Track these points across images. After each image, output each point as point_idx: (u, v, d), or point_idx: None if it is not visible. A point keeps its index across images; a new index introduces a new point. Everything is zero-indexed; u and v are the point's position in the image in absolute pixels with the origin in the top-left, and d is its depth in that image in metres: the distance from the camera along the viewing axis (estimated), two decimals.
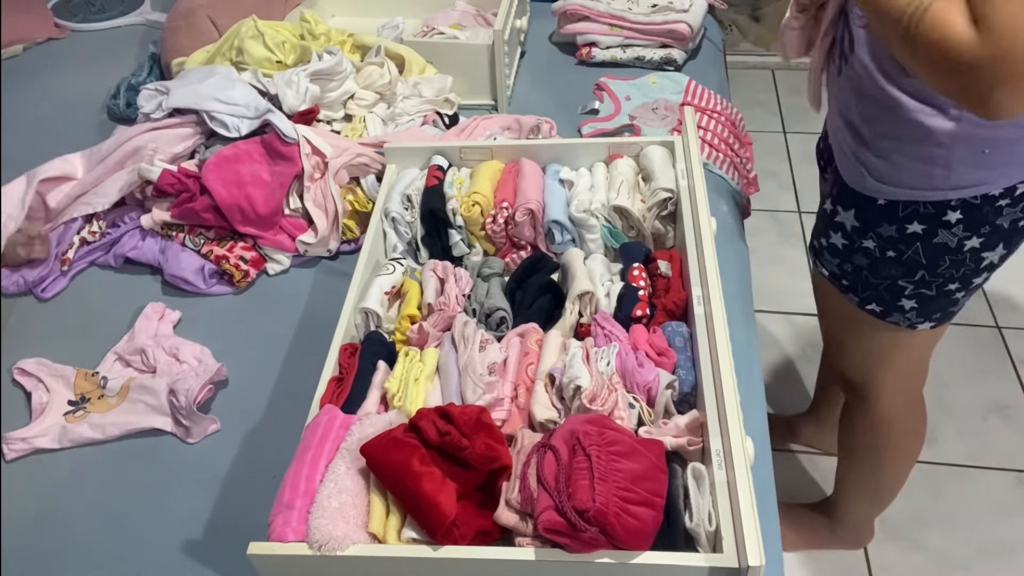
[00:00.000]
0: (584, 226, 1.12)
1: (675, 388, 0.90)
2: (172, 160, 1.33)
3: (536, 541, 0.76)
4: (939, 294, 1.13)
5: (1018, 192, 1.00)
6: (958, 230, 1.04)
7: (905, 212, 1.05)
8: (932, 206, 1.03)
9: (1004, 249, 1.08)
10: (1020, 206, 1.02)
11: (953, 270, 1.09)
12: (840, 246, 1.17)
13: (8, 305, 1.29)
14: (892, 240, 1.09)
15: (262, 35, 1.47)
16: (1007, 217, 1.03)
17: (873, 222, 1.09)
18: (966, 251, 1.06)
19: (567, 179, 1.17)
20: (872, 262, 1.13)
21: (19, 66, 1.88)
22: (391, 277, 1.08)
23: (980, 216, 1.02)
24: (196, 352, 1.17)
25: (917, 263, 1.09)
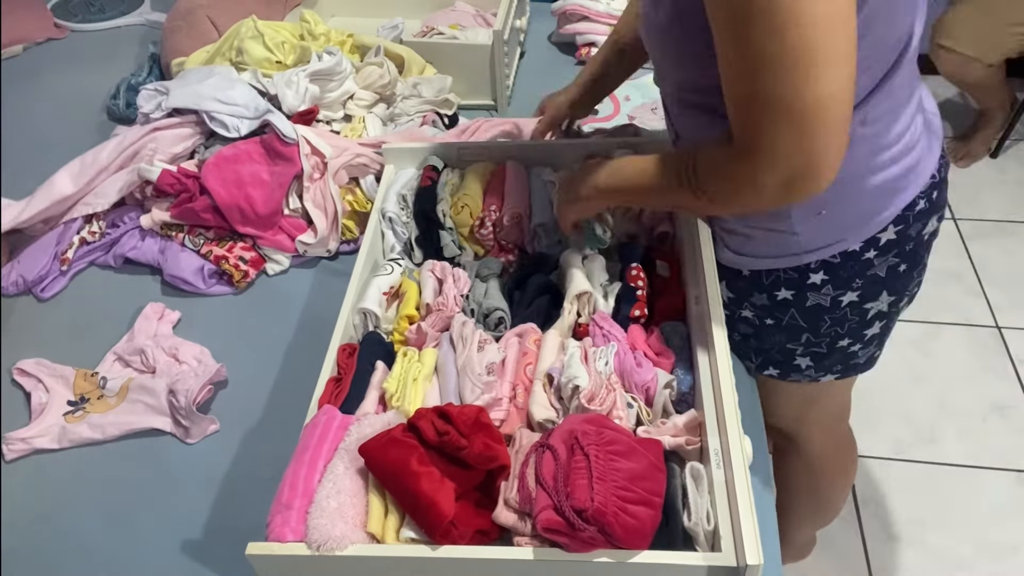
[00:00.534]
0: None
1: (673, 388, 0.90)
2: (172, 160, 1.33)
3: (535, 540, 0.76)
4: (831, 351, 1.09)
5: (883, 242, 0.97)
6: (828, 289, 1.00)
7: (769, 280, 1.02)
8: (793, 271, 1.00)
9: (890, 296, 1.04)
10: (892, 252, 0.98)
11: (837, 327, 1.05)
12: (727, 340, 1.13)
13: (8, 305, 1.29)
14: (766, 308, 1.05)
15: (262, 35, 1.47)
16: (880, 267, 0.99)
17: (744, 292, 1.06)
18: (844, 307, 1.02)
19: (551, 180, 1.17)
20: (755, 330, 1.09)
21: (19, 66, 1.88)
22: (389, 277, 1.08)
23: (846, 272, 0.99)
24: (196, 352, 1.17)
25: (797, 327, 1.06)
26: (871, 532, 1.88)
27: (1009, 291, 2.42)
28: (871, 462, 2.01)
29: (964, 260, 2.53)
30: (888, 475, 1.99)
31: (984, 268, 2.50)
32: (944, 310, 2.36)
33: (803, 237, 0.96)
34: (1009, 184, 2.82)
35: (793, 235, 0.96)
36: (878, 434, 2.07)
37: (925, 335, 2.30)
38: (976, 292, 2.43)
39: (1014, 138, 2.95)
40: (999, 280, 2.46)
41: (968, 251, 2.55)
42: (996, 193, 2.78)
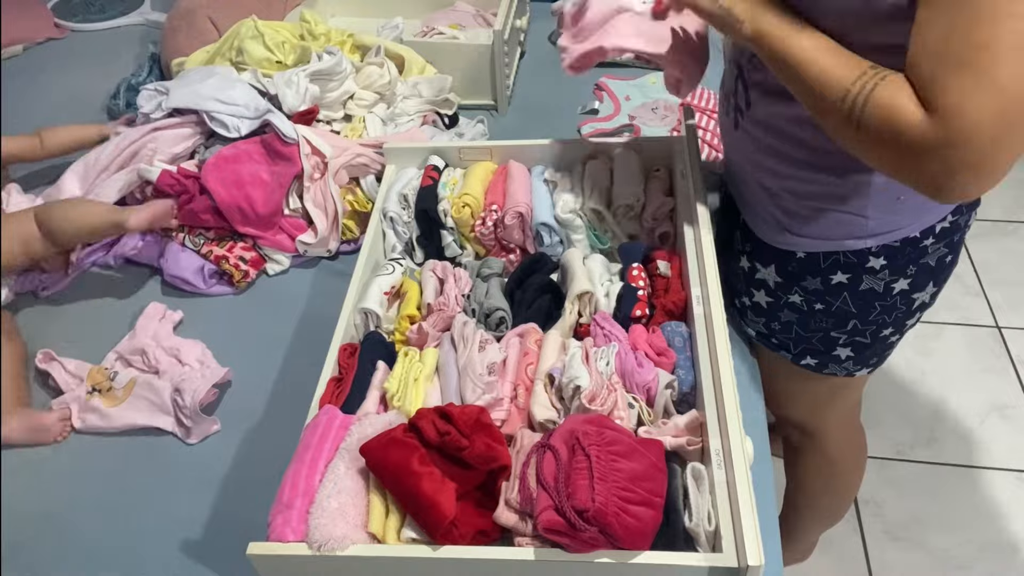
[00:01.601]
0: (570, 227, 1.12)
1: (674, 388, 0.90)
2: (172, 160, 1.33)
3: (535, 541, 0.76)
4: (874, 340, 1.09)
5: (938, 230, 0.98)
6: (884, 275, 1.00)
7: (827, 263, 1.01)
8: (854, 255, 0.99)
9: (934, 287, 1.05)
10: (944, 241, 0.99)
11: (885, 315, 1.05)
12: (765, 304, 1.11)
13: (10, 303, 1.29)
14: (818, 292, 1.04)
15: (262, 35, 1.47)
16: (932, 255, 1.00)
17: (796, 276, 1.04)
18: (896, 294, 1.02)
19: (551, 179, 1.17)
20: (801, 316, 1.08)
21: (19, 66, 1.88)
22: (390, 277, 1.08)
23: (904, 258, 0.99)
24: (197, 353, 1.17)
25: (847, 312, 1.05)
26: (871, 532, 1.88)
27: (1009, 291, 2.42)
28: (871, 462, 2.00)
29: (964, 260, 2.53)
30: (888, 475, 1.98)
31: (984, 268, 2.49)
32: (944, 310, 2.36)
33: (873, 221, 0.95)
34: (1009, 184, 2.81)
35: (863, 218, 0.95)
36: (878, 434, 2.07)
37: (925, 335, 2.29)
38: (976, 292, 2.43)
39: None
40: (999, 280, 2.46)
41: (968, 251, 2.55)
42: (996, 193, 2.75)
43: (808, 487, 1.47)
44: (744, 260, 1.11)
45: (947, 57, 0.67)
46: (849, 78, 0.73)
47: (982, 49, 0.65)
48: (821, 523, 1.63)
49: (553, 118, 1.57)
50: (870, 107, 0.72)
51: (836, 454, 1.38)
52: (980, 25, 0.65)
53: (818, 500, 1.51)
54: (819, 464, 1.40)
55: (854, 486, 1.50)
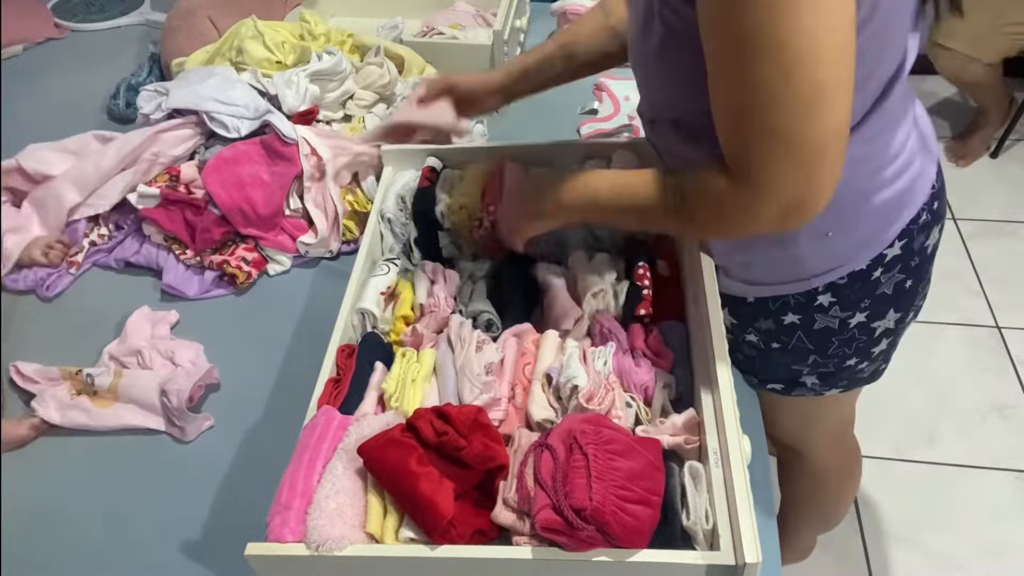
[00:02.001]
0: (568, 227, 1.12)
1: (672, 387, 0.90)
2: (173, 162, 1.34)
3: (533, 540, 0.76)
4: (839, 370, 1.08)
5: (888, 258, 0.96)
6: (835, 311, 0.99)
7: (776, 305, 1.00)
8: (801, 295, 0.98)
9: (897, 312, 1.02)
10: (897, 268, 0.97)
11: (845, 348, 1.04)
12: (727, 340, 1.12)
13: (11, 303, 1.29)
14: (772, 332, 1.04)
15: (262, 35, 1.47)
16: (887, 284, 0.98)
17: (749, 318, 1.04)
18: (852, 327, 1.01)
19: None
20: (760, 353, 1.08)
21: (19, 66, 1.89)
22: (386, 278, 1.08)
23: (854, 293, 0.97)
24: (192, 355, 1.17)
25: (804, 349, 1.04)
26: (871, 532, 1.88)
27: (1009, 291, 2.42)
28: (871, 462, 2.01)
29: (964, 260, 2.53)
30: (888, 475, 1.99)
31: (984, 268, 2.49)
32: (944, 310, 2.36)
33: (809, 261, 0.95)
34: (1009, 184, 2.82)
35: (799, 260, 0.95)
36: (878, 434, 2.07)
37: (925, 335, 2.29)
38: (976, 292, 2.43)
39: (1014, 138, 2.95)
40: (999, 280, 2.46)
41: (968, 251, 2.55)
42: (996, 193, 2.78)
43: (799, 501, 1.48)
44: None
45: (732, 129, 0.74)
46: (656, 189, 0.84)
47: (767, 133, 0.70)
48: (815, 530, 1.63)
49: (553, 118, 1.57)
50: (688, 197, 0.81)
51: (824, 471, 1.38)
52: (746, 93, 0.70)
53: (810, 513, 1.51)
54: (807, 480, 1.40)
55: (845, 499, 1.51)
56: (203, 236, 1.27)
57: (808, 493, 1.45)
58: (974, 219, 2.67)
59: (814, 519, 1.56)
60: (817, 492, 1.44)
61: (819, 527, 1.62)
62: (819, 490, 1.44)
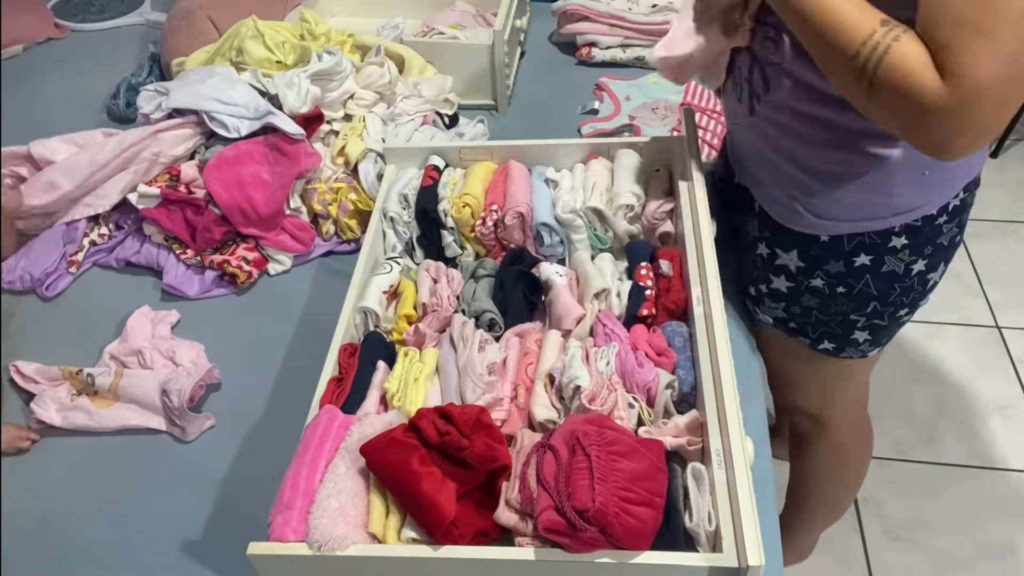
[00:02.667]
0: (571, 227, 1.12)
1: (675, 388, 0.90)
2: (173, 161, 1.33)
3: (536, 541, 0.76)
4: (890, 322, 1.10)
5: (951, 207, 0.99)
6: (904, 255, 1.01)
7: (851, 245, 1.01)
8: (877, 235, 1.00)
9: (944, 266, 1.07)
10: (955, 221, 1.01)
11: (903, 296, 1.07)
12: (785, 289, 1.11)
13: (11, 302, 1.29)
14: (841, 275, 1.04)
15: (262, 35, 1.47)
16: (946, 235, 1.02)
17: (819, 260, 1.04)
18: (914, 275, 1.04)
19: (552, 179, 1.17)
20: (822, 300, 1.08)
21: (19, 66, 1.88)
22: (388, 276, 1.08)
23: (923, 238, 1.00)
24: (193, 355, 1.17)
25: (868, 295, 1.05)
26: (871, 532, 1.88)
27: (1009, 291, 2.42)
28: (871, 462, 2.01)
29: (964, 260, 2.53)
30: (888, 475, 1.98)
31: (984, 268, 2.49)
32: (944, 310, 2.36)
33: (898, 199, 0.96)
34: (1009, 184, 2.82)
35: (890, 197, 0.96)
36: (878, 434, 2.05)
37: (925, 335, 2.30)
38: (976, 292, 2.43)
39: (1014, 138, 2.95)
40: (999, 280, 2.46)
41: (968, 251, 2.55)
42: (996, 193, 2.77)
43: (817, 477, 1.46)
44: (763, 247, 1.11)
45: (963, 23, 0.69)
46: (863, 33, 0.75)
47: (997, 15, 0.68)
48: (824, 518, 1.62)
49: (553, 118, 1.57)
50: (884, 68, 0.74)
51: (846, 441, 1.38)
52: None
53: (825, 491, 1.50)
54: (828, 452, 1.39)
55: (859, 478, 1.49)
56: (203, 236, 1.27)
57: (829, 469, 1.44)
58: (974, 219, 2.65)
59: (827, 503, 1.55)
60: (838, 468, 1.44)
61: (829, 515, 1.60)
62: (841, 466, 1.43)
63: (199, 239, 1.28)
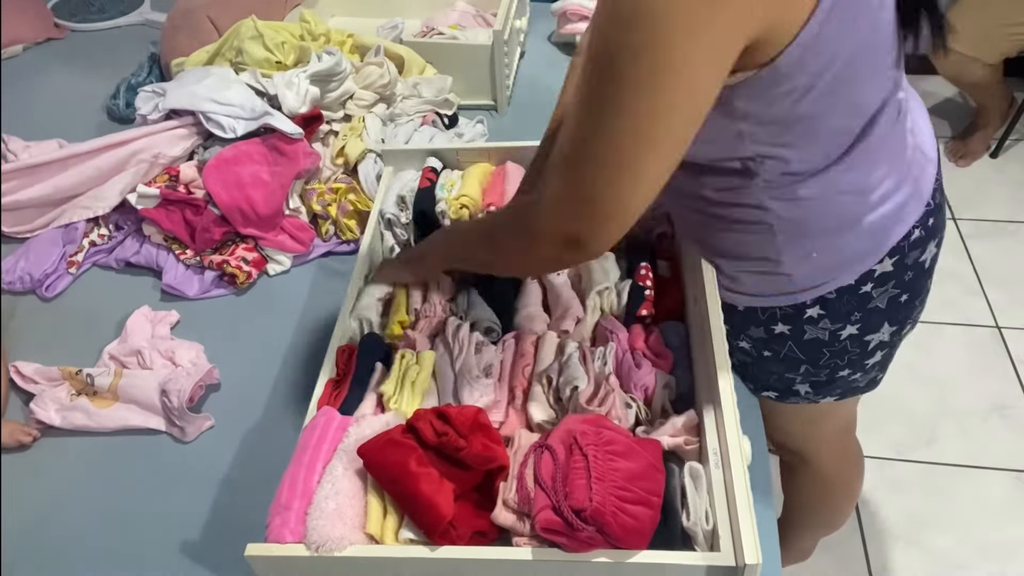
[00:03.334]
0: None
1: (672, 388, 0.90)
2: (172, 162, 1.33)
3: (533, 541, 0.76)
4: (831, 380, 1.07)
5: (878, 274, 0.93)
6: (825, 324, 0.97)
7: (765, 316, 0.99)
8: (790, 307, 0.97)
9: (892, 326, 1.01)
10: (890, 284, 0.95)
11: (837, 359, 1.03)
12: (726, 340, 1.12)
13: (9, 303, 1.30)
14: (763, 341, 1.03)
15: (262, 36, 1.47)
16: (879, 298, 0.96)
17: (740, 326, 1.03)
18: (844, 339, 0.99)
19: None
20: (753, 360, 1.07)
21: (19, 66, 1.88)
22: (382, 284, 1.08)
23: (844, 307, 0.96)
24: (192, 356, 1.17)
25: (796, 359, 1.03)
26: (871, 532, 1.88)
27: (1009, 291, 2.42)
28: (871, 462, 2.01)
29: (964, 260, 2.53)
30: (888, 475, 1.99)
31: (984, 268, 2.49)
32: (944, 310, 2.36)
33: (795, 278, 0.93)
34: (1009, 184, 2.82)
35: (785, 276, 0.93)
36: (878, 434, 2.07)
37: (925, 335, 2.29)
38: (976, 292, 2.43)
39: (1014, 138, 2.95)
40: (999, 280, 2.46)
41: (968, 251, 2.55)
42: (996, 193, 2.78)
43: (803, 504, 1.48)
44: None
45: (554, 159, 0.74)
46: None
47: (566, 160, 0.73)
48: (819, 532, 1.63)
49: None
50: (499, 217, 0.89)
51: (828, 476, 1.38)
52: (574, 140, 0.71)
53: (814, 515, 1.51)
54: (811, 483, 1.40)
55: (848, 501, 1.51)
56: (203, 236, 1.27)
57: (812, 498, 1.45)
58: (974, 219, 2.67)
59: (817, 522, 1.56)
60: (821, 497, 1.44)
61: (822, 530, 1.62)
62: (823, 495, 1.44)
63: (198, 239, 1.28)
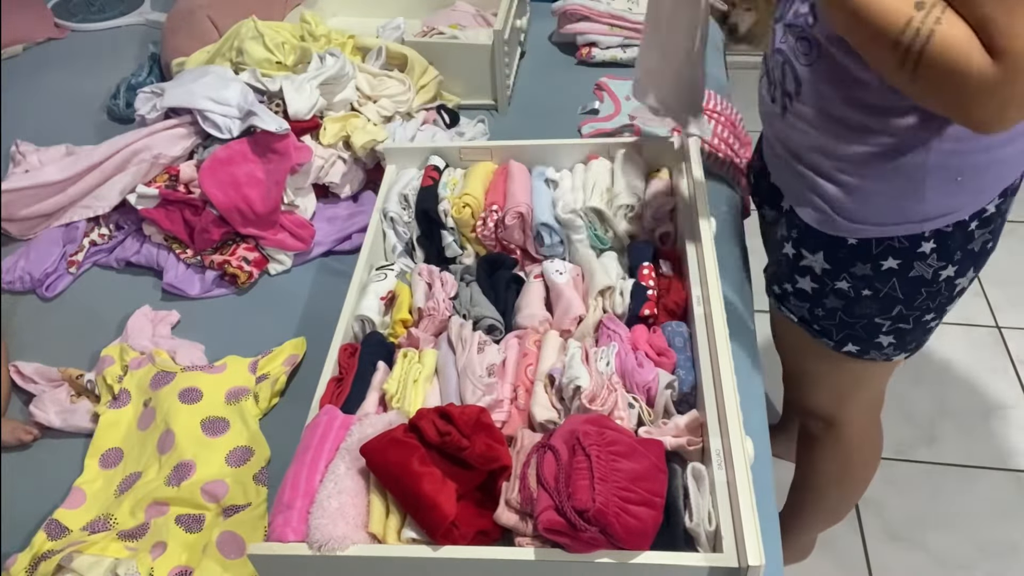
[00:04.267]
0: (571, 227, 1.12)
1: (675, 388, 0.90)
2: (172, 162, 1.33)
3: (536, 541, 0.76)
4: (916, 326, 1.10)
5: (986, 214, 0.98)
6: (933, 260, 1.01)
7: (879, 249, 1.01)
8: (906, 240, 0.99)
9: (974, 273, 1.06)
10: (989, 228, 1.00)
11: (930, 301, 1.06)
12: (809, 290, 1.11)
13: (9, 304, 1.29)
14: (867, 279, 1.04)
15: (262, 36, 1.46)
16: (978, 240, 1.01)
17: (845, 263, 1.04)
18: (941, 280, 1.03)
19: (552, 179, 1.17)
20: (847, 303, 1.08)
21: (19, 66, 1.88)
22: (384, 283, 1.08)
23: (954, 244, 0.99)
24: (194, 357, 1.17)
25: (894, 299, 1.05)
26: (871, 532, 1.88)
27: (1009, 291, 2.42)
28: None
29: None
30: (888, 475, 1.98)
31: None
32: None
33: (930, 204, 0.95)
34: None
35: (921, 202, 0.95)
36: None
37: None
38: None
39: None
40: (999, 280, 2.46)
41: None
42: None
43: (821, 477, 1.46)
44: (789, 247, 1.11)
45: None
46: (901, 19, 0.73)
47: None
48: (824, 520, 1.62)
49: (553, 118, 1.57)
50: (928, 52, 0.73)
51: (855, 445, 1.37)
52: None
53: (826, 492, 1.49)
54: (835, 452, 1.39)
55: (864, 484, 1.50)
56: (202, 236, 1.27)
57: (834, 471, 1.44)
58: None
59: (828, 505, 1.55)
60: (844, 471, 1.44)
61: (828, 517, 1.61)
62: (846, 469, 1.43)
63: (197, 239, 1.28)
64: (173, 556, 0.89)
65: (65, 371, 1.15)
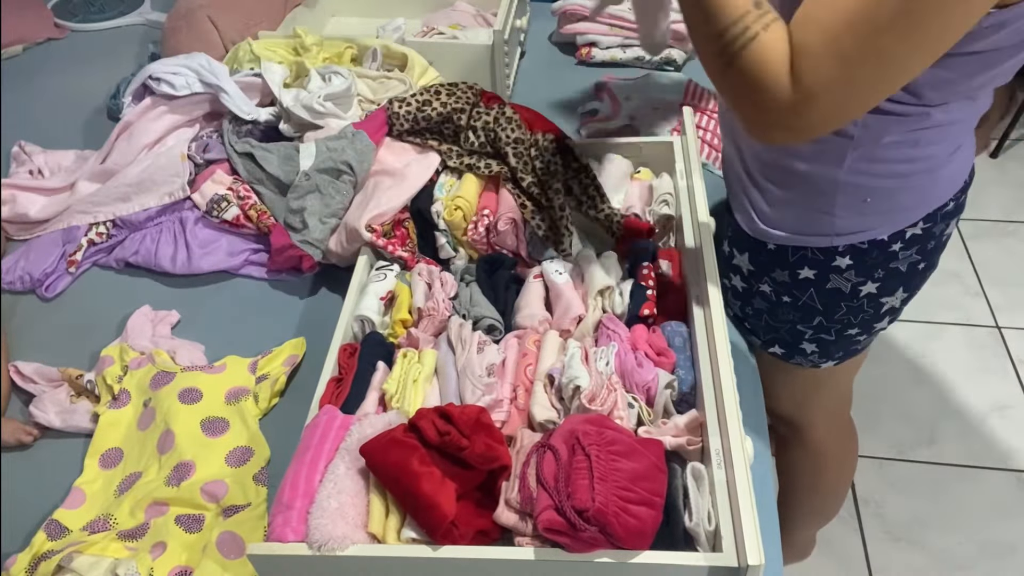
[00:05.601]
0: None
1: (674, 388, 0.90)
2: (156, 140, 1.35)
3: (536, 541, 0.76)
4: (839, 339, 1.11)
5: (908, 236, 0.99)
6: (850, 275, 1.02)
7: (795, 257, 1.03)
8: (820, 252, 1.01)
9: (904, 293, 1.06)
10: (915, 248, 1.00)
11: (851, 316, 1.07)
12: (740, 289, 1.14)
13: (9, 303, 1.29)
14: (786, 285, 1.06)
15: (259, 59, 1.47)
16: (902, 261, 1.01)
17: (767, 267, 1.06)
18: (862, 296, 1.04)
19: None
20: (770, 306, 1.10)
21: (19, 66, 1.88)
22: (384, 283, 1.08)
23: (871, 261, 1.00)
24: (195, 358, 1.17)
25: (813, 308, 1.07)
26: (871, 532, 1.88)
27: (1009, 291, 2.43)
28: (871, 462, 2.01)
29: (964, 260, 2.53)
30: (888, 475, 1.99)
31: (984, 268, 2.50)
32: (944, 310, 2.36)
33: (840, 220, 0.97)
34: (1009, 184, 2.82)
35: (831, 216, 0.96)
36: (878, 434, 2.07)
37: (925, 335, 2.30)
38: (976, 292, 2.43)
39: (1014, 138, 2.95)
40: (999, 280, 2.46)
41: (968, 251, 2.55)
42: (996, 193, 2.78)
43: (796, 480, 1.48)
44: (725, 244, 1.14)
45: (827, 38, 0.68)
46: (735, 13, 0.72)
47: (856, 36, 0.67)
48: (813, 521, 1.63)
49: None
50: (746, 53, 0.72)
51: (822, 448, 1.38)
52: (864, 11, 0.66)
53: (806, 497, 1.51)
54: (805, 459, 1.41)
55: (843, 484, 1.51)
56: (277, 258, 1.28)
57: (807, 474, 1.46)
58: (974, 219, 2.68)
59: (812, 506, 1.56)
60: (816, 473, 1.45)
61: (817, 517, 1.62)
62: (818, 470, 1.44)
63: (283, 260, 1.28)
64: (173, 556, 0.89)
65: (65, 371, 1.15)
